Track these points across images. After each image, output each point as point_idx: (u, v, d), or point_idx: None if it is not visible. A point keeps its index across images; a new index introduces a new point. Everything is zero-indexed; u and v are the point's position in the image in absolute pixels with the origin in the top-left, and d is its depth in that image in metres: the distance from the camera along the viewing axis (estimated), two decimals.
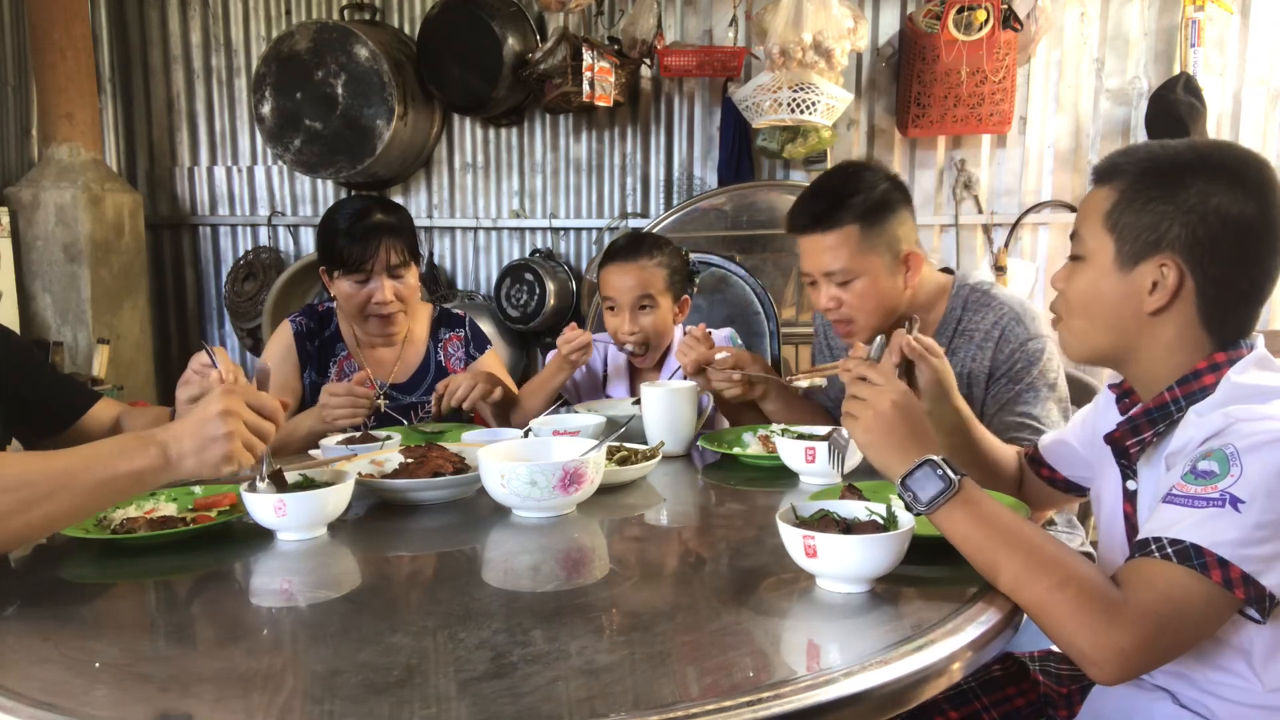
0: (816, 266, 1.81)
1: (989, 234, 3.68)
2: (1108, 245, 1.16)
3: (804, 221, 1.81)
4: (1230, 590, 0.96)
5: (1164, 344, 1.15)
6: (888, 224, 1.79)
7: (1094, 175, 1.22)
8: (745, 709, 0.81)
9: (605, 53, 3.52)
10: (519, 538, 1.36)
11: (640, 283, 2.15)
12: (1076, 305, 1.21)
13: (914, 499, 1.11)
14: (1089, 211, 1.19)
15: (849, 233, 1.77)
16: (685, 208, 3.64)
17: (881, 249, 1.78)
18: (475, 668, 0.90)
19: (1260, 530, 0.97)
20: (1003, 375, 1.79)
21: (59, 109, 3.87)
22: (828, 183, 1.84)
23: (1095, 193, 1.20)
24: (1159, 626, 0.97)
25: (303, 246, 4.36)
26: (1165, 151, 1.17)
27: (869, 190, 1.78)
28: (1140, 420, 1.17)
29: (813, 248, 1.81)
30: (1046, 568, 1.02)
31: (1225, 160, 1.14)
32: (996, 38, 3.21)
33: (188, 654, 0.98)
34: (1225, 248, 1.11)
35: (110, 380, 3.75)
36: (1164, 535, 1.00)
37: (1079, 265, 1.20)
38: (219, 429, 1.19)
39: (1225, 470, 1.00)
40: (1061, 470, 1.44)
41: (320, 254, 2.15)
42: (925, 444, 1.15)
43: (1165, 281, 1.12)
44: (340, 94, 3.72)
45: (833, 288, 1.81)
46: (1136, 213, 1.14)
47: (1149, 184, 1.13)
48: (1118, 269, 1.15)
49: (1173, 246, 1.12)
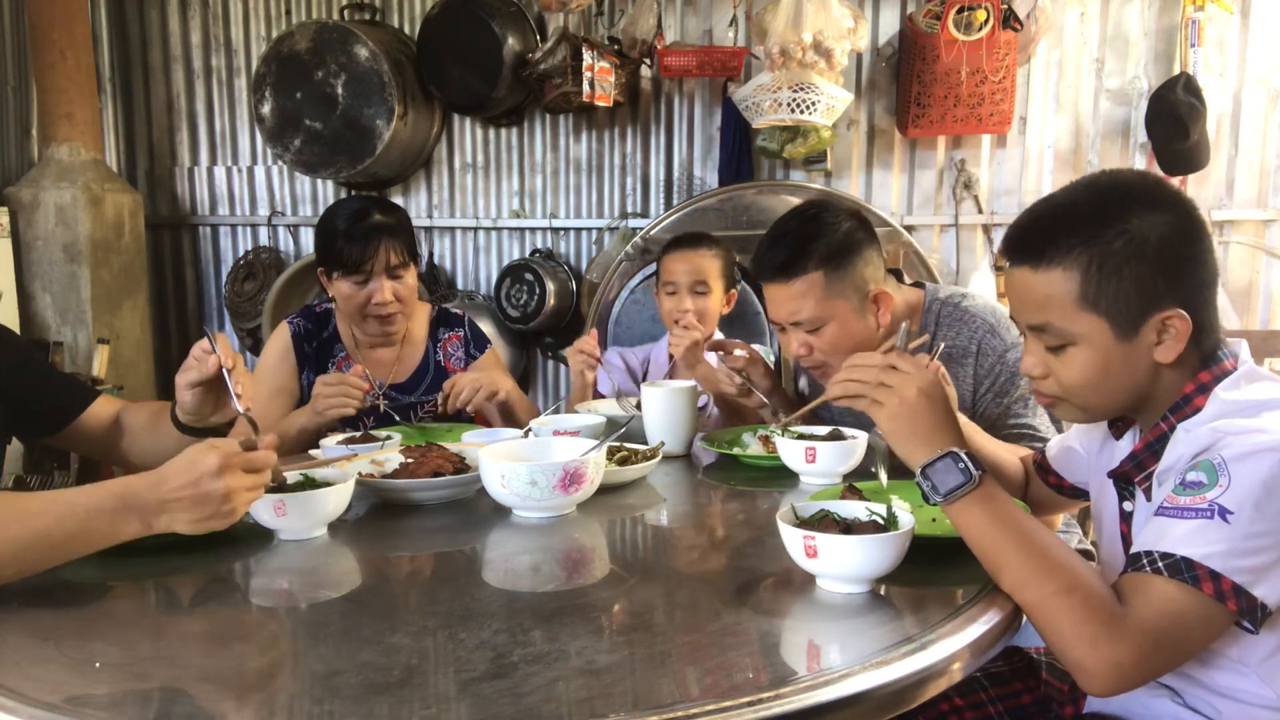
0: (784, 315, 1.79)
1: (989, 234, 3.68)
2: (1099, 325, 1.12)
3: (768, 271, 1.78)
4: (1223, 602, 0.96)
5: (1169, 380, 1.14)
6: (853, 266, 1.75)
7: (1017, 256, 1.17)
8: (745, 709, 0.81)
9: (605, 53, 3.52)
10: (519, 538, 1.36)
11: (698, 269, 2.34)
12: (1083, 388, 1.16)
13: (933, 489, 1.10)
14: (1052, 301, 1.13)
15: (814, 280, 1.74)
16: (685, 208, 3.64)
17: (848, 292, 1.75)
18: (475, 668, 0.90)
19: (1249, 541, 0.97)
20: (987, 391, 1.77)
21: (59, 109, 3.87)
22: (788, 228, 1.79)
23: (1040, 279, 1.14)
24: (1156, 642, 0.97)
25: (303, 246, 4.35)
26: (1075, 207, 1.13)
27: (831, 233, 1.75)
28: (1143, 455, 1.17)
29: (778, 296, 1.78)
30: (1055, 572, 1.02)
31: (1127, 187, 1.13)
32: (996, 38, 3.20)
33: (188, 654, 0.98)
34: (1195, 271, 1.11)
35: (110, 380, 3.75)
36: (1155, 549, 1.00)
37: (1070, 351, 1.15)
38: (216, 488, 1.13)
39: (1213, 481, 1.00)
40: (1069, 477, 1.44)
41: (319, 255, 2.14)
42: (949, 435, 1.13)
43: (1175, 330, 1.10)
44: (340, 94, 3.72)
45: (802, 334, 1.78)
46: (1114, 283, 1.10)
47: (1102, 248, 1.10)
48: (1120, 340, 1.12)
49: (1165, 296, 1.10)
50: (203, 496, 1.13)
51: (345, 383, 1.90)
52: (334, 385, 1.89)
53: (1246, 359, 1.14)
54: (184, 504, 1.13)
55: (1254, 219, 3.46)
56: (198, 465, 1.13)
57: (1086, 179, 1.18)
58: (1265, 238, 3.47)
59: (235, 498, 1.15)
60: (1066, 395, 1.18)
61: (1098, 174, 1.19)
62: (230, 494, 1.14)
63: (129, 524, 1.13)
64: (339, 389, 1.89)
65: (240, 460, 1.16)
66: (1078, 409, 1.20)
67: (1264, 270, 3.48)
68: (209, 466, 1.13)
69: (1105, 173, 1.19)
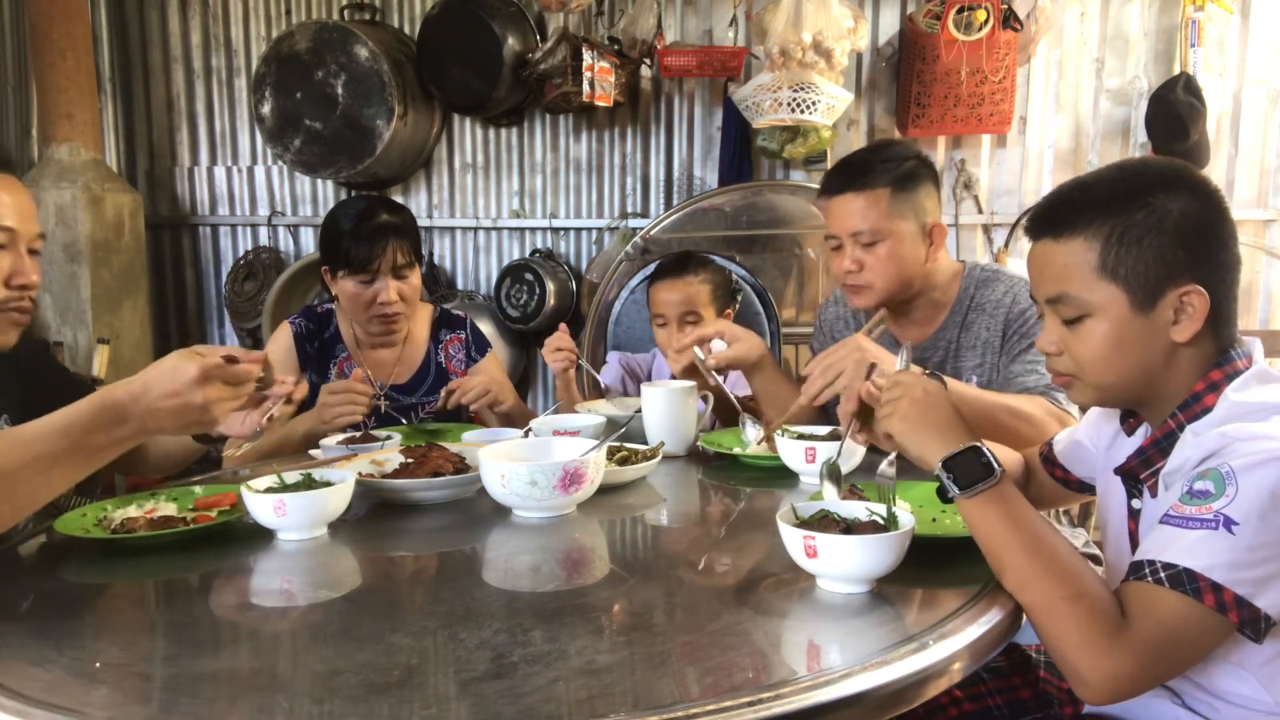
0: (845, 227, 1.86)
1: (989, 234, 3.68)
2: (1117, 295, 1.12)
3: (836, 184, 1.87)
4: (1224, 614, 0.96)
5: (1184, 369, 1.14)
6: (916, 193, 1.85)
7: (1040, 230, 1.18)
8: (745, 709, 0.81)
9: (605, 53, 3.52)
10: (519, 538, 1.36)
11: (686, 299, 2.27)
12: (1097, 363, 1.15)
13: (953, 481, 1.09)
14: (1070, 271, 1.14)
15: (880, 195, 1.82)
16: (685, 208, 3.64)
17: (909, 215, 1.84)
18: (475, 668, 0.90)
19: (1253, 552, 0.96)
20: (1014, 333, 1.84)
21: (59, 109, 3.87)
22: (860, 152, 1.92)
23: (1061, 248, 1.15)
24: (1155, 654, 0.97)
25: (303, 246, 4.36)
26: (1103, 184, 1.15)
27: (900, 160, 1.85)
28: (1150, 451, 1.17)
29: (843, 208, 1.86)
30: (1063, 577, 1.01)
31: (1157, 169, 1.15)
32: (996, 38, 3.21)
33: (188, 654, 0.98)
34: (1212, 251, 1.11)
35: (110, 380, 3.75)
36: (1158, 559, 1.00)
37: (1086, 323, 1.15)
38: (195, 399, 1.16)
39: (1221, 490, 0.99)
40: (1075, 471, 1.43)
41: (323, 254, 2.14)
42: (964, 431, 1.14)
43: (1193, 308, 1.10)
44: (340, 94, 3.72)
45: (858, 250, 1.85)
46: (1133, 253, 1.11)
47: (1124, 219, 1.11)
48: (1137, 313, 1.12)
49: (1184, 271, 1.10)
50: (183, 406, 1.16)
51: (351, 390, 1.90)
52: (340, 394, 1.90)
53: (1260, 360, 1.14)
54: (165, 413, 1.16)
55: (1254, 219, 3.46)
56: (179, 375, 1.16)
57: (1116, 163, 1.20)
58: (1265, 238, 3.47)
59: (215, 408, 1.18)
60: (1080, 372, 1.18)
61: (1127, 159, 1.21)
62: (209, 404, 1.17)
63: (123, 431, 1.17)
64: (345, 397, 1.89)
65: (220, 373, 1.19)
66: (1091, 387, 1.19)
67: (1264, 270, 3.48)
68: (189, 376, 1.16)
69: (1134, 158, 1.20)
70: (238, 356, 1.24)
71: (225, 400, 1.19)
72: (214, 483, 1.63)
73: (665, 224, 3.63)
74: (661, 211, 3.82)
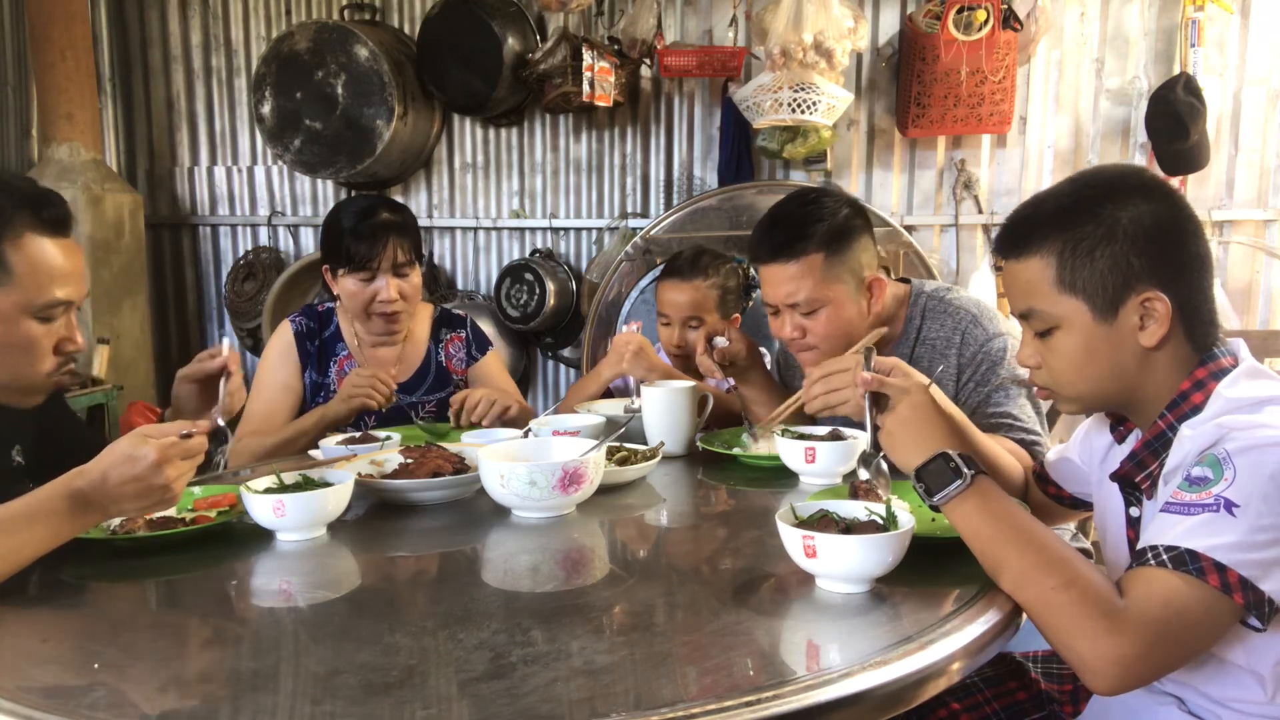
0: (780, 297, 1.79)
1: (989, 234, 3.68)
2: (1078, 307, 1.14)
3: (766, 251, 1.79)
4: (1229, 595, 0.95)
5: (1163, 372, 1.15)
6: (851, 251, 1.77)
7: (1003, 251, 1.21)
8: (745, 709, 0.81)
9: (605, 53, 3.52)
10: (519, 538, 1.36)
11: (692, 303, 2.25)
12: (1069, 372, 1.18)
13: (926, 491, 1.12)
14: (1032, 287, 1.17)
15: (813, 262, 1.75)
16: (685, 208, 3.64)
17: (845, 276, 1.77)
18: (475, 668, 0.90)
19: (1256, 534, 0.96)
20: (969, 380, 1.78)
21: (59, 109, 3.87)
22: (788, 211, 1.81)
23: (1021, 267, 1.18)
24: (1159, 635, 0.96)
25: (303, 246, 4.36)
26: (1055, 200, 1.17)
27: (831, 217, 1.76)
28: (1143, 454, 1.17)
29: (776, 277, 1.78)
30: (1053, 568, 1.01)
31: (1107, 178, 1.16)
32: (996, 38, 3.20)
33: (188, 654, 0.98)
34: (1173, 253, 1.12)
35: (110, 380, 3.75)
36: (1160, 543, 1.00)
37: (1053, 337, 1.18)
38: (158, 481, 1.18)
39: (1219, 475, 1.00)
40: (1067, 487, 1.44)
41: (325, 252, 2.15)
42: (941, 438, 1.16)
43: (1156, 313, 1.11)
44: (340, 94, 3.72)
45: (797, 317, 1.79)
46: (1088, 264, 1.12)
47: (1075, 233, 1.13)
48: (1100, 322, 1.14)
49: (1141, 277, 1.11)
50: (146, 490, 1.18)
51: (377, 376, 1.99)
52: (366, 375, 1.99)
53: (1246, 357, 1.14)
54: (129, 497, 1.18)
55: (1254, 219, 3.46)
56: (138, 462, 1.17)
57: (1070, 176, 1.22)
58: (1265, 237, 3.47)
59: (176, 485, 1.21)
60: (1056, 384, 1.21)
61: (1082, 170, 1.22)
62: (170, 484, 1.19)
63: (89, 518, 1.20)
64: (370, 380, 1.98)
65: (177, 450, 1.21)
66: (1069, 399, 1.21)
67: (1264, 270, 3.48)
68: (149, 461, 1.17)
69: (1088, 169, 1.22)
70: (190, 430, 1.25)
71: (185, 475, 1.22)
72: (214, 483, 1.63)
73: (665, 224, 3.64)
74: (661, 211, 3.82)
